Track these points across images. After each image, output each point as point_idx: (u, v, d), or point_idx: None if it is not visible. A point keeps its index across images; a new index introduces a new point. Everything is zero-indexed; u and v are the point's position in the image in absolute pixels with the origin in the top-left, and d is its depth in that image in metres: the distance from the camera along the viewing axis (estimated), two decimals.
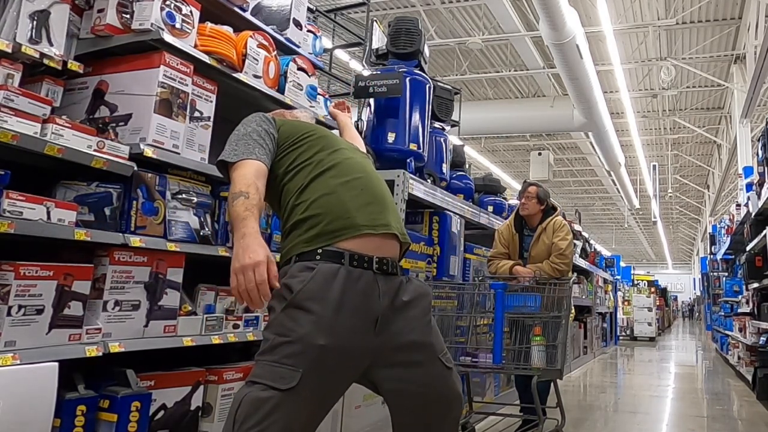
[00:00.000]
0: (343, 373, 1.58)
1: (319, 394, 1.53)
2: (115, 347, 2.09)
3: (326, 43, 4.04)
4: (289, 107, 2.99)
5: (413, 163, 3.53)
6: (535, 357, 3.20)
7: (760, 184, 5.80)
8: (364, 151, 2.35)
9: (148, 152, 2.24)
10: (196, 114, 2.53)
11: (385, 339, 1.60)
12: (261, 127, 1.77)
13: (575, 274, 4.09)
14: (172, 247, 2.33)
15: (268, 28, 3.00)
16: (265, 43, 2.90)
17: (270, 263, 1.48)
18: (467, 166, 5.68)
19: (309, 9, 3.53)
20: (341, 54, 10.13)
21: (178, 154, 2.38)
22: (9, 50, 2.04)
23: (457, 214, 4.07)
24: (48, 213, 1.94)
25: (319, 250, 1.60)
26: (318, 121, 2.42)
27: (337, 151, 1.81)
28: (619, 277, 15.15)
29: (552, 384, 3.56)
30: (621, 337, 14.56)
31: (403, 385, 1.64)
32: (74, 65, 2.29)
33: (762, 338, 6.45)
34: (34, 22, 2.10)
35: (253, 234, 1.51)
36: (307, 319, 1.52)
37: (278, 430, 1.45)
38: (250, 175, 1.63)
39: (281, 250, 1.72)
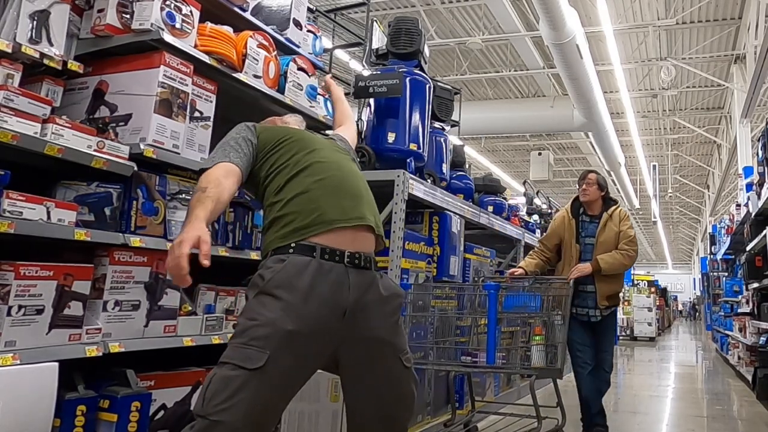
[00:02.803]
0: (309, 359, 1.66)
1: (285, 377, 1.60)
2: (115, 347, 2.09)
3: (326, 43, 4.03)
4: (289, 107, 3.00)
5: (413, 163, 3.53)
6: (535, 357, 3.20)
7: (760, 184, 5.80)
8: (353, 131, 2.46)
9: (148, 152, 2.24)
10: (196, 114, 2.53)
11: (350, 331, 1.68)
12: (239, 135, 1.88)
13: None
14: None
15: (268, 28, 3.00)
16: (265, 43, 2.89)
17: (201, 243, 1.52)
18: (467, 166, 5.68)
19: (309, 9, 3.53)
20: (341, 54, 10.13)
21: (178, 154, 2.38)
22: (9, 50, 2.04)
23: (457, 214, 4.07)
24: (48, 213, 1.94)
25: (293, 244, 1.69)
26: (309, 126, 2.45)
27: (313, 151, 1.90)
28: None
29: (552, 383, 3.56)
30: (621, 337, 14.55)
31: (359, 378, 1.74)
32: (74, 65, 2.29)
33: (762, 338, 6.45)
34: (34, 22, 2.10)
35: (193, 220, 1.58)
36: (277, 305, 1.60)
37: (245, 408, 1.51)
38: (213, 174, 1.73)
39: (262, 248, 1.83)
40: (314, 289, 1.62)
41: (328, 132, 2.35)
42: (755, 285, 6.56)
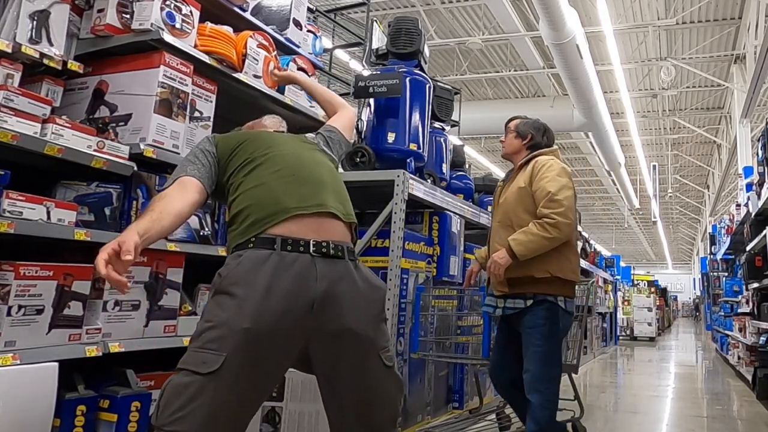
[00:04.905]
0: (275, 358, 1.55)
1: (248, 379, 1.50)
2: (114, 347, 2.09)
3: (326, 43, 4.04)
4: (289, 107, 3.00)
5: (413, 163, 3.53)
6: None
7: (760, 184, 5.80)
8: (345, 116, 2.25)
9: (148, 152, 2.24)
10: (196, 114, 2.53)
11: (321, 322, 1.56)
12: (198, 148, 1.85)
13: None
14: (172, 247, 2.33)
15: (268, 28, 3.00)
16: (265, 43, 2.89)
17: (122, 243, 1.49)
18: (467, 166, 5.68)
19: (309, 9, 3.53)
20: (341, 54, 10.13)
21: (178, 154, 2.38)
22: (9, 50, 2.04)
23: (457, 214, 4.07)
24: (48, 213, 1.94)
25: (252, 238, 1.61)
26: (310, 127, 2.38)
27: (270, 147, 1.85)
28: (619, 277, 15.14)
29: (568, 377, 3.59)
30: (621, 337, 14.55)
31: (332, 375, 1.62)
32: (74, 65, 2.29)
33: (762, 338, 6.44)
34: (34, 22, 2.10)
35: (127, 228, 1.57)
36: (232, 303, 1.51)
37: (202, 416, 1.43)
38: (165, 192, 1.70)
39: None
40: (274, 283, 1.52)
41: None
42: (755, 285, 6.56)
